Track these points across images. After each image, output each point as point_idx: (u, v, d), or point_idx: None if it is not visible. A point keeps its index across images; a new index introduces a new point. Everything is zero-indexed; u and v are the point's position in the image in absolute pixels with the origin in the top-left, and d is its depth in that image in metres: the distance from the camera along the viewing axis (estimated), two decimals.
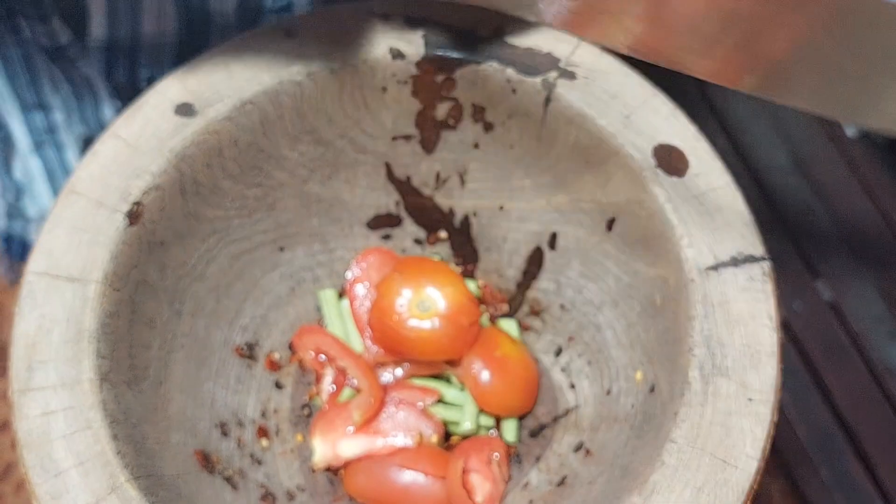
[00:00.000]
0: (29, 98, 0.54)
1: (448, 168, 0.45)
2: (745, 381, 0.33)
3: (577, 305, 0.44)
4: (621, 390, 0.40)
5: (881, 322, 0.75)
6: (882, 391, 0.72)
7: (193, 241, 0.40)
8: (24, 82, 0.53)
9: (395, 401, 0.44)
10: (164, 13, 0.47)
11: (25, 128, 0.55)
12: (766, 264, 0.35)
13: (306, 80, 0.39)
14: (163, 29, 0.49)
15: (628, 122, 0.37)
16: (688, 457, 0.32)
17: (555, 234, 0.44)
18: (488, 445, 0.43)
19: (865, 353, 0.74)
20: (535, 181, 0.43)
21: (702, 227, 0.35)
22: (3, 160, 0.58)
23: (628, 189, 0.38)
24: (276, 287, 0.46)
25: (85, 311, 0.33)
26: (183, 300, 0.40)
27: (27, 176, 0.58)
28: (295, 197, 0.44)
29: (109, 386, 0.33)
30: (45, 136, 0.56)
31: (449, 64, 0.39)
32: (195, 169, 0.38)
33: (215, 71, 0.38)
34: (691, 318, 0.34)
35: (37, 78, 0.52)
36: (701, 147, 0.37)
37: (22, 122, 0.55)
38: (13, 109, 0.55)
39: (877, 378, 0.73)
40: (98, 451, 0.31)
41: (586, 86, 0.38)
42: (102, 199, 0.35)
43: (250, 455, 0.42)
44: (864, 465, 0.70)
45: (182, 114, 0.37)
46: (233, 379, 0.43)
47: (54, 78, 0.52)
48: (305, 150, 0.42)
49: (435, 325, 0.43)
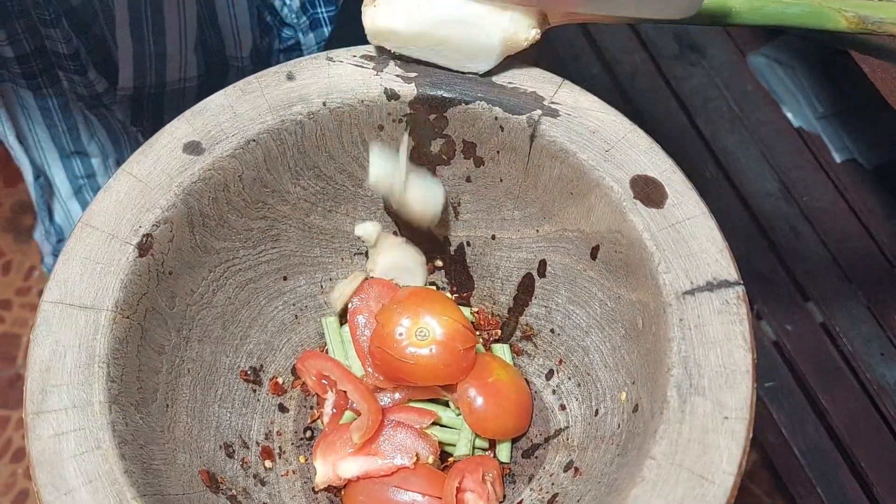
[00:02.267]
0: (67, 145, 0.57)
1: None
2: (720, 399, 0.35)
3: (566, 329, 0.46)
4: (608, 410, 0.42)
5: (873, 342, 0.76)
6: (876, 410, 0.73)
7: (201, 271, 0.42)
8: (61, 131, 0.56)
9: (394, 423, 0.46)
10: (187, 62, 0.50)
11: (64, 174, 0.59)
12: (739, 289, 0.37)
13: (307, 120, 0.41)
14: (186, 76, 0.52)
15: (608, 156, 0.40)
16: (666, 472, 0.34)
17: (544, 261, 0.46)
18: (483, 465, 0.45)
19: (858, 373, 0.74)
20: (524, 212, 0.45)
21: (678, 255, 0.37)
22: (45, 205, 0.61)
23: (609, 219, 0.40)
24: (280, 314, 0.48)
25: (97, 337, 0.35)
26: (191, 327, 0.42)
27: (67, 219, 0.61)
28: (298, 228, 0.46)
29: (118, 408, 0.35)
30: (84, 181, 0.59)
31: (440, 103, 0.42)
32: (202, 203, 0.40)
33: (221, 112, 0.41)
34: (669, 340, 0.36)
35: (74, 126, 0.56)
36: (677, 178, 0.39)
37: (61, 169, 0.58)
38: (53, 157, 0.58)
39: (870, 397, 0.73)
40: (107, 471, 0.33)
41: (568, 122, 0.40)
42: (115, 231, 0.38)
43: (254, 475, 0.44)
44: (859, 483, 0.71)
45: (190, 152, 0.40)
46: (238, 402, 0.45)
47: (90, 125, 0.56)
48: (307, 184, 0.45)
49: (433, 352, 0.45)
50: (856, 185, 0.85)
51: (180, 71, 0.51)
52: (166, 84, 0.52)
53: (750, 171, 0.87)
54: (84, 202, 0.60)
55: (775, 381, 0.76)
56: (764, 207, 0.84)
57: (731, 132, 0.89)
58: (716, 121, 0.90)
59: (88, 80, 0.50)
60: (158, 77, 0.51)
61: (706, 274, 0.37)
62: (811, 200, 0.85)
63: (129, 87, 0.51)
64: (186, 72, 0.51)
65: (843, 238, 0.82)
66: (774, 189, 0.86)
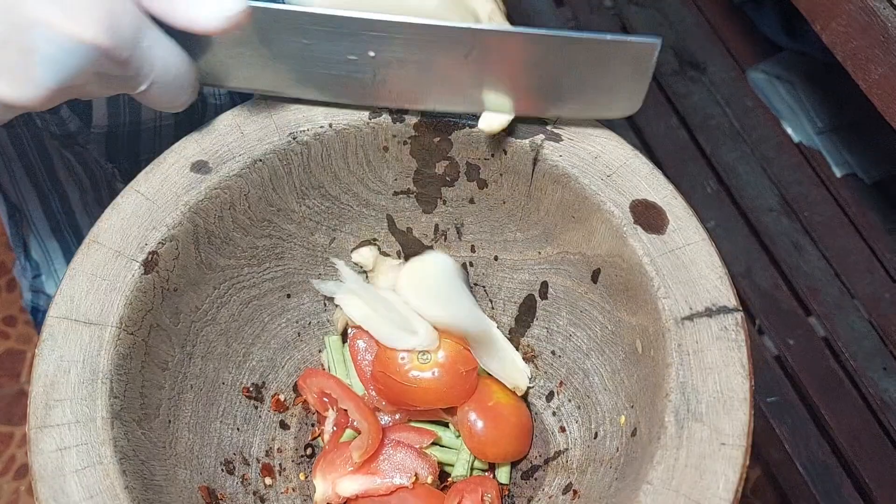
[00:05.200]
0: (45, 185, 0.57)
1: (446, 221, 0.48)
2: (717, 426, 0.35)
3: (566, 352, 0.46)
4: (607, 433, 0.42)
5: (875, 356, 0.76)
6: (879, 425, 0.73)
7: (205, 288, 0.43)
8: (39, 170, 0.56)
9: (394, 442, 0.46)
10: None
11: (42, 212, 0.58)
12: (738, 315, 0.37)
13: (313, 140, 0.42)
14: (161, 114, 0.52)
15: (609, 181, 0.40)
16: (663, 498, 0.34)
17: (545, 283, 0.46)
18: (482, 486, 0.45)
19: (861, 387, 0.74)
20: (526, 234, 0.45)
21: (678, 280, 0.38)
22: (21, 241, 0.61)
23: (610, 243, 0.40)
24: (283, 331, 0.48)
25: (101, 353, 0.36)
26: (194, 343, 0.43)
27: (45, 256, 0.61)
28: (302, 247, 0.47)
29: (121, 424, 0.35)
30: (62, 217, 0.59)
31: (444, 126, 0.42)
32: (208, 221, 0.41)
33: (229, 132, 0.41)
34: (668, 365, 0.36)
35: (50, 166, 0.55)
36: (678, 204, 0.39)
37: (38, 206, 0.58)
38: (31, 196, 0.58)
39: (873, 412, 0.73)
40: (108, 486, 0.33)
41: (571, 147, 0.41)
42: (121, 249, 0.38)
43: (254, 492, 0.44)
44: (863, 498, 0.71)
45: (197, 171, 0.40)
46: (240, 418, 0.45)
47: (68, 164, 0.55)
48: (312, 203, 0.45)
49: (435, 375, 0.45)
50: (856, 200, 0.85)
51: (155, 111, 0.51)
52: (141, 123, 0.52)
53: (751, 186, 0.88)
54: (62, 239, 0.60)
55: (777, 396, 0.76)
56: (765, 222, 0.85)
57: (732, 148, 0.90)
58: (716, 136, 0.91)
59: (61, 119, 0.49)
60: (133, 115, 0.51)
61: (705, 300, 0.37)
62: (812, 215, 0.85)
63: (104, 126, 0.51)
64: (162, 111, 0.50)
65: (844, 252, 0.82)
66: (775, 204, 0.87)
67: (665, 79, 0.95)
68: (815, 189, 0.87)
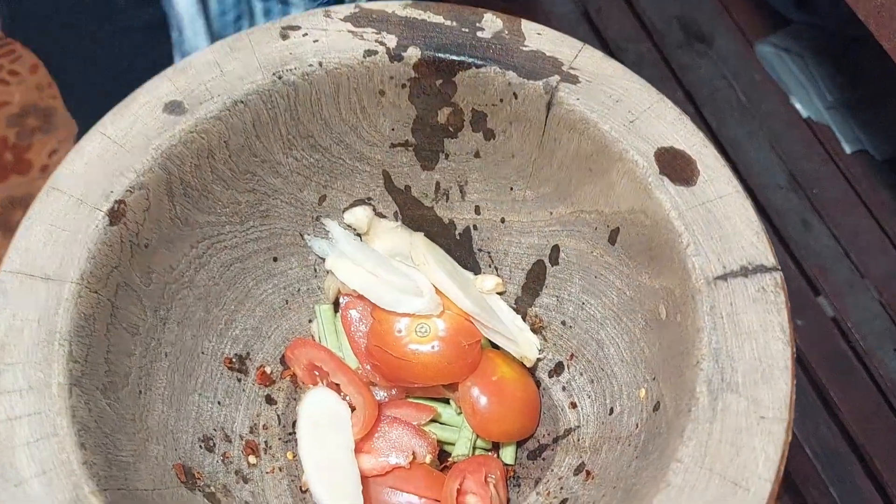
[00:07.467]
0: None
1: (448, 178, 0.43)
2: (756, 396, 0.31)
3: (578, 322, 0.42)
4: (624, 409, 0.38)
5: (886, 337, 0.74)
6: (890, 408, 0.71)
7: (182, 246, 0.39)
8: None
9: (390, 419, 0.42)
10: None
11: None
12: (777, 275, 0.33)
13: (301, 81, 0.38)
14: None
15: (633, 128, 0.36)
16: (695, 478, 0.30)
17: (557, 247, 0.42)
18: (485, 466, 0.41)
19: (871, 369, 0.72)
20: (537, 192, 0.41)
21: (709, 236, 0.34)
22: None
23: (632, 197, 0.36)
24: (269, 298, 0.44)
25: (59, 311, 0.32)
26: (169, 307, 0.39)
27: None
28: (290, 205, 0.43)
29: (80, 392, 0.31)
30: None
31: (448, 67, 0.38)
32: (183, 170, 0.37)
33: (207, 70, 0.37)
34: (698, 329, 0.32)
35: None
36: (708, 153, 0.35)
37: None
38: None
39: (884, 394, 0.71)
40: (63, 460, 0.29)
41: (589, 90, 0.37)
42: (84, 196, 0.34)
43: (236, 472, 0.40)
44: (874, 483, 0.69)
45: (170, 112, 0.36)
46: (221, 391, 0.41)
47: None
48: (301, 155, 0.41)
49: (435, 349, 0.41)
50: (867, 177, 0.83)
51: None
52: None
53: (758, 162, 0.85)
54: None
55: None
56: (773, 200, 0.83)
57: (739, 123, 0.87)
58: (723, 111, 0.88)
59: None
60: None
61: (740, 258, 0.33)
62: (821, 192, 0.83)
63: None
64: None
65: (854, 231, 0.80)
66: (783, 181, 0.85)
67: (670, 52, 0.92)
68: (824, 166, 0.85)
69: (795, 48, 0.92)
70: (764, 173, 0.85)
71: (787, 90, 0.90)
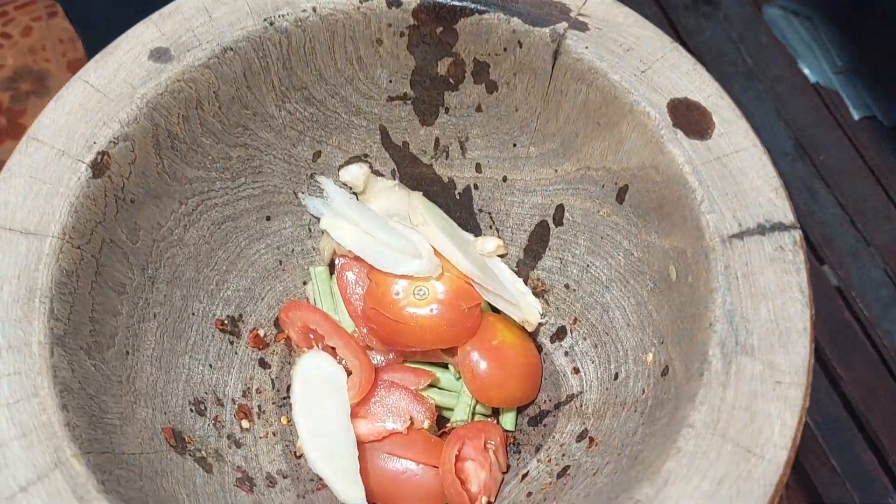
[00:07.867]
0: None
1: (448, 134, 0.42)
2: (772, 361, 0.29)
3: (582, 284, 0.41)
4: (630, 374, 0.37)
5: (890, 307, 0.73)
6: (892, 377, 0.70)
7: (170, 202, 0.37)
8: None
9: (387, 383, 0.41)
10: None
11: None
12: (796, 233, 0.31)
13: (294, 28, 0.36)
14: None
15: (644, 78, 0.34)
16: (707, 444, 0.29)
17: (561, 206, 0.41)
18: (484, 432, 0.40)
19: (875, 339, 0.71)
20: (541, 148, 0.40)
21: (724, 192, 0.32)
22: None
23: (643, 152, 0.34)
24: (262, 258, 0.43)
25: (39, 267, 0.30)
26: (157, 266, 0.37)
27: None
28: (283, 161, 0.41)
29: (63, 351, 0.30)
30: None
31: (449, 13, 0.36)
32: (170, 121, 0.35)
33: (195, 15, 0.35)
34: (712, 290, 0.31)
35: None
36: (724, 105, 0.34)
37: None
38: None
39: (886, 364, 0.70)
40: (44, 422, 0.28)
41: (599, 38, 0.35)
42: (66, 148, 0.32)
43: (228, 436, 0.39)
44: (875, 455, 0.68)
45: (156, 59, 0.34)
46: (213, 354, 0.40)
47: None
48: (294, 108, 0.39)
49: (434, 312, 0.40)
50: (875, 144, 0.82)
51: None
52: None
53: (764, 129, 0.83)
54: None
55: None
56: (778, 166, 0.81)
57: (745, 87, 0.85)
58: (729, 75, 0.86)
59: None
60: None
61: (757, 215, 0.32)
62: (828, 159, 0.82)
63: None
64: None
65: (860, 198, 0.79)
66: (789, 147, 0.83)
67: (676, 14, 0.90)
68: (831, 132, 0.83)
69: (805, 11, 0.90)
70: (770, 140, 0.83)
71: (795, 54, 0.88)
